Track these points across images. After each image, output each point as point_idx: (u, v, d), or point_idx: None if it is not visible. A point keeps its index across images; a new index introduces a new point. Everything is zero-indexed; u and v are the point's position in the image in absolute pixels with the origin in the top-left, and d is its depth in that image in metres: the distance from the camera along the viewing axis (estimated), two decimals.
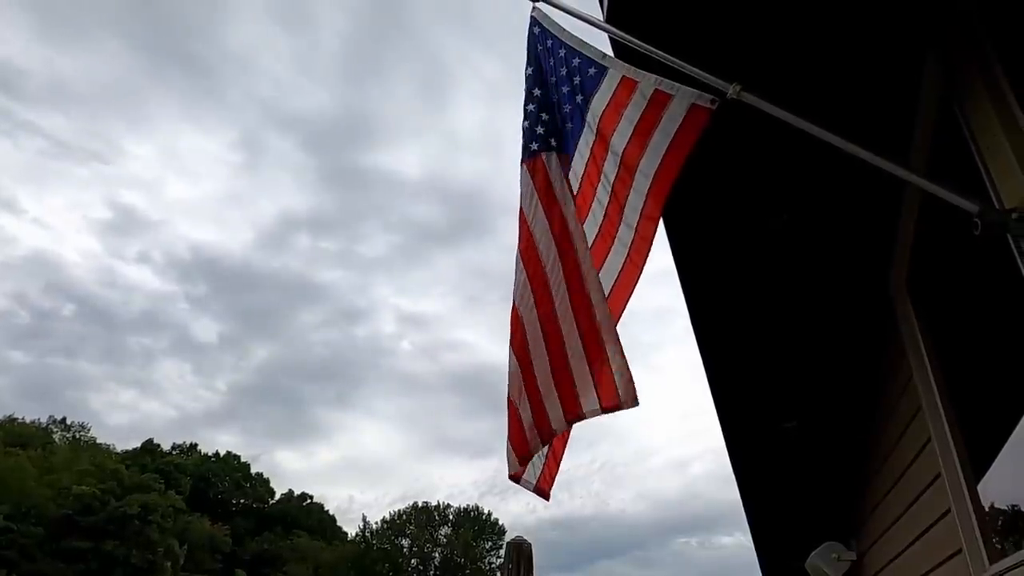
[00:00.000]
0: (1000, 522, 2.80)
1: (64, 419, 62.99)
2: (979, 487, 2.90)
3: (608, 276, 2.73)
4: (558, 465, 3.07)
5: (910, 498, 3.79)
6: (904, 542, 4.00)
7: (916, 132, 2.84)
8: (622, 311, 2.74)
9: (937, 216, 2.91)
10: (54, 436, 59.53)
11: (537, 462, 3.07)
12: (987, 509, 2.85)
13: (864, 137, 2.16)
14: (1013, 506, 2.78)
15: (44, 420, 61.08)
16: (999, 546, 2.73)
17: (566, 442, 3.08)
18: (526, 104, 3.10)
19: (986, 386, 3.13)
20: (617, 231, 2.68)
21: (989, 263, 2.39)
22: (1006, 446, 2.66)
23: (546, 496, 3.05)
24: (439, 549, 59.59)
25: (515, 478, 3.05)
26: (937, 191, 2.08)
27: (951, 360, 3.19)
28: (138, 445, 60.81)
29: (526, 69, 3.16)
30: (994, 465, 2.79)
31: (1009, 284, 2.14)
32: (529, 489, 3.08)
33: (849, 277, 3.86)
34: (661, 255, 3.71)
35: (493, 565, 58.31)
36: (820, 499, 5.71)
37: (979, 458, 2.90)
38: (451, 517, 61.19)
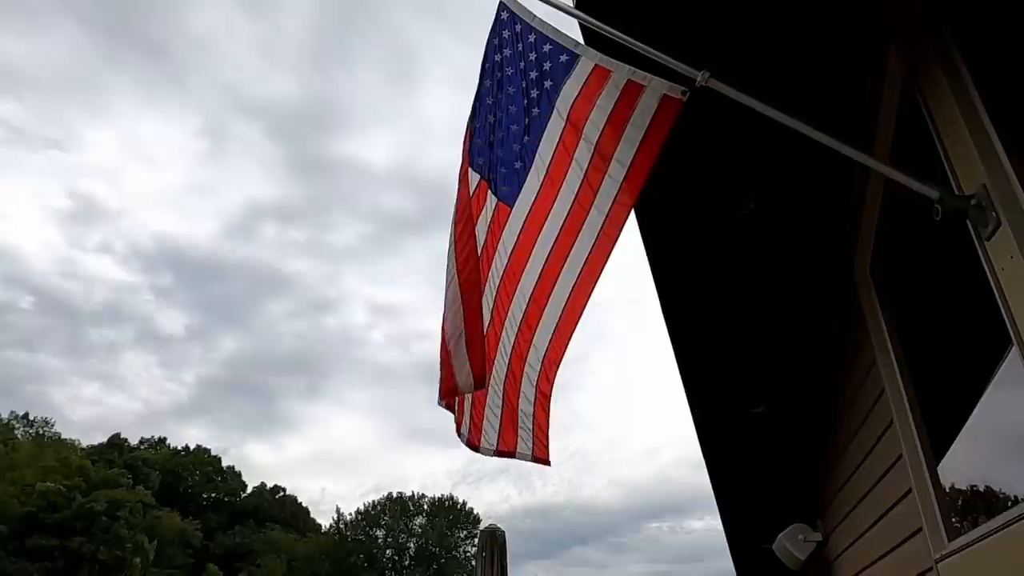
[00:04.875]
0: (959, 501, 2.87)
1: (26, 414, 61.44)
2: (939, 468, 2.98)
3: (575, 262, 2.73)
4: (546, 433, 3.12)
5: (873, 479, 3.88)
6: (867, 522, 4.10)
7: (880, 119, 2.88)
8: (588, 298, 2.73)
9: (900, 202, 2.97)
10: (16, 432, 58.01)
11: (525, 433, 3.18)
12: (947, 489, 2.92)
13: (830, 124, 2.18)
14: (971, 486, 2.85)
15: (5, 416, 59.50)
16: (957, 524, 2.81)
17: (547, 410, 3.11)
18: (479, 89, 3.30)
19: (946, 370, 3.21)
20: (587, 216, 2.67)
21: (950, 249, 2.43)
22: (964, 428, 2.73)
23: (546, 462, 3.15)
24: (414, 539, 59.62)
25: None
26: (899, 177, 2.11)
27: (913, 344, 3.26)
28: (104, 440, 59.72)
29: (483, 62, 3.21)
30: (953, 446, 2.86)
31: (969, 269, 2.18)
32: (526, 459, 3.20)
33: (815, 263, 3.92)
34: (632, 244, 3.73)
35: (468, 554, 58.51)
36: (787, 482, 5.83)
37: (939, 440, 2.97)
38: (425, 507, 61.20)
